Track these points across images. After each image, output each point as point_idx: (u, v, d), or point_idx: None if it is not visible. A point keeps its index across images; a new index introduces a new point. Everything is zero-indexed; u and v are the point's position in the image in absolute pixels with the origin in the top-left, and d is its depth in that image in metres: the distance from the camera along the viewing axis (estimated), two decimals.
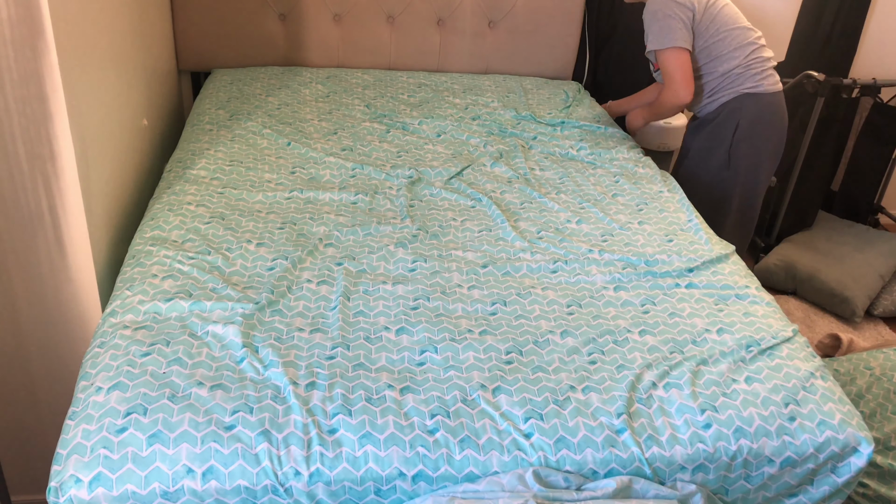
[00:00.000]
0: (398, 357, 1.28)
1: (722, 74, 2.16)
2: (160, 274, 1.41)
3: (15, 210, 1.39)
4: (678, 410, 1.22)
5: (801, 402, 1.27)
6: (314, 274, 1.48)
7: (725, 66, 2.15)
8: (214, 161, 1.89)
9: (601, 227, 1.77)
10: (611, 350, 1.34)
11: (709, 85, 2.20)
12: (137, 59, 1.93)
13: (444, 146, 2.14)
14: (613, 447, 1.16)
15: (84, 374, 1.19)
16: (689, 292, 1.53)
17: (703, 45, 2.15)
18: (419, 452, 1.11)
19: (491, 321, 1.39)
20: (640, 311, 1.45)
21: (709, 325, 1.43)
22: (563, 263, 1.59)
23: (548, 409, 1.19)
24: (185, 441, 1.08)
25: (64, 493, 1.03)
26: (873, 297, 2.74)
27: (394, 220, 1.71)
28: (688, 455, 1.17)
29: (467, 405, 1.19)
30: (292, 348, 1.27)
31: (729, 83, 2.16)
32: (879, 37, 3.06)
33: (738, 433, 1.20)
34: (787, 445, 1.21)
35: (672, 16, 2.09)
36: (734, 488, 1.22)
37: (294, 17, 2.57)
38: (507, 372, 1.26)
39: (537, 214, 1.80)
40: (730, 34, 2.13)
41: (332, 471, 1.08)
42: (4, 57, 1.26)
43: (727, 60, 2.14)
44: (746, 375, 1.30)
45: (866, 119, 3.02)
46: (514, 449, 1.14)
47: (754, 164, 2.22)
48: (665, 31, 2.10)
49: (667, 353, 1.34)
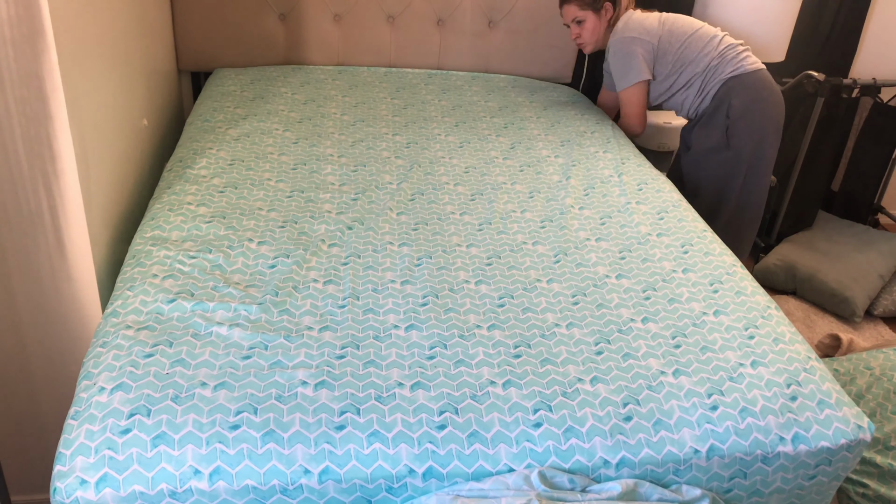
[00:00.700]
0: (408, 353, 1.28)
1: (703, 72, 2.26)
2: (161, 274, 1.40)
3: (15, 210, 1.39)
4: (687, 395, 1.24)
5: (803, 382, 1.30)
6: (320, 273, 1.48)
7: (702, 63, 2.25)
8: (216, 160, 1.89)
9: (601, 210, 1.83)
10: (616, 339, 1.36)
11: (695, 86, 2.28)
12: (137, 59, 1.92)
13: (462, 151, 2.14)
14: (622, 434, 1.17)
15: (86, 373, 1.19)
16: (687, 277, 1.58)
17: (673, 59, 2.28)
18: (428, 449, 1.11)
19: (499, 313, 1.41)
20: (642, 298, 1.49)
21: (705, 308, 1.47)
22: (564, 254, 1.62)
23: (556, 402, 1.20)
24: (190, 442, 1.07)
25: (70, 494, 1.02)
26: (873, 297, 2.74)
27: (396, 214, 1.72)
28: (696, 436, 1.18)
29: (476, 400, 1.19)
30: (302, 346, 1.27)
31: (712, 76, 2.26)
32: (879, 37, 3.06)
33: (745, 413, 1.22)
34: (793, 422, 1.23)
35: (631, 53, 2.28)
36: (752, 471, 1.22)
37: (294, 17, 2.56)
38: (517, 366, 1.27)
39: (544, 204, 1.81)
40: (692, 38, 2.26)
41: (342, 468, 1.08)
42: (4, 57, 1.25)
43: (702, 59, 2.25)
44: (753, 360, 1.34)
45: (866, 119, 3.03)
46: (524, 440, 1.14)
47: (756, 140, 2.25)
48: (626, 70, 2.30)
49: (669, 338, 1.37)
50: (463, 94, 2.54)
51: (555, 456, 1.14)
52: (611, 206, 1.86)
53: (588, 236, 1.71)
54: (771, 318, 1.45)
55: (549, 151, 2.16)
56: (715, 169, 2.30)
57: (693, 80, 2.27)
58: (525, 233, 1.71)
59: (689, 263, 1.62)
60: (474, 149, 2.15)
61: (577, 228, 1.74)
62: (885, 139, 3.00)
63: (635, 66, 2.28)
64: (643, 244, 1.69)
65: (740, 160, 2.26)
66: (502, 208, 1.81)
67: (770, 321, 1.44)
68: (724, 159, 2.27)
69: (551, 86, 2.74)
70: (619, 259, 1.63)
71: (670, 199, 1.90)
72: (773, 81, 2.27)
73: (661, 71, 2.30)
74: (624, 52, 2.29)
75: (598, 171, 2.06)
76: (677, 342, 1.37)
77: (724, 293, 1.52)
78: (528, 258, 1.60)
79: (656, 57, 2.28)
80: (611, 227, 1.75)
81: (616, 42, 2.31)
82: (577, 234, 1.71)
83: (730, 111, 2.23)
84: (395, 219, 1.72)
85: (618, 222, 1.78)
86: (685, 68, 2.27)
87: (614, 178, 2.02)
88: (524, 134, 2.27)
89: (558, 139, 2.25)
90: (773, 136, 2.27)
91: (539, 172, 2.02)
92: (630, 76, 2.30)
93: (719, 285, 1.55)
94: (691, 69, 2.26)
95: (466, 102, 2.48)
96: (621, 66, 2.31)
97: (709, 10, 2.62)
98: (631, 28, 2.28)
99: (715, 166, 2.29)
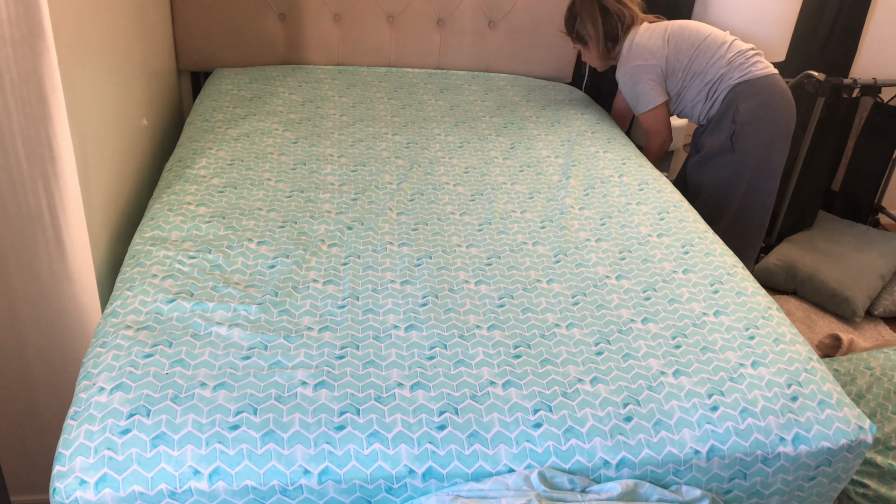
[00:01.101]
0: (408, 353, 1.28)
1: (713, 80, 2.26)
2: (160, 274, 1.40)
3: (15, 210, 1.39)
4: (687, 395, 1.24)
5: (804, 382, 1.29)
6: (320, 274, 1.48)
7: (713, 72, 2.25)
8: (215, 160, 1.88)
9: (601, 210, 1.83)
10: (616, 339, 1.36)
11: (704, 93, 2.28)
12: (137, 59, 1.92)
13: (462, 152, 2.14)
14: (622, 435, 1.17)
15: (86, 373, 1.19)
16: (687, 277, 1.58)
17: (683, 74, 2.28)
18: (427, 449, 1.11)
19: (499, 314, 1.41)
20: (642, 298, 1.49)
21: (706, 308, 1.47)
22: (564, 255, 1.62)
23: (556, 402, 1.20)
24: (190, 442, 1.07)
25: (69, 494, 1.02)
26: (873, 297, 2.74)
27: (396, 214, 1.72)
28: (696, 437, 1.18)
29: (476, 401, 1.19)
30: (302, 347, 1.27)
31: (721, 83, 2.25)
32: (879, 37, 3.06)
33: (745, 413, 1.22)
34: (794, 423, 1.23)
35: (642, 80, 2.29)
36: (752, 471, 1.22)
37: (294, 17, 2.56)
38: (517, 366, 1.27)
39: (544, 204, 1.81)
40: (700, 49, 2.26)
41: (342, 469, 1.08)
42: (4, 57, 1.25)
43: (711, 67, 2.25)
44: (753, 360, 1.34)
45: (867, 119, 3.03)
46: (524, 441, 1.14)
47: (763, 145, 2.24)
48: (641, 97, 2.32)
49: (669, 338, 1.37)
50: (462, 94, 2.54)
51: (555, 456, 1.14)
52: (611, 206, 1.86)
53: (588, 236, 1.71)
54: (772, 319, 1.45)
55: (549, 151, 2.16)
56: (718, 171, 2.30)
57: (703, 89, 2.28)
58: (525, 233, 1.71)
59: (690, 264, 1.62)
60: (474, 149, 2.15)
61: (578, 229, 1.74)
62: (885, 139, 3.00)
63: (646, 93, 2.29)
64: (643, 245, 1.69)
65: (745, 164, 2.25)
66: (502, 208, 1.81)
67: (771, 321, 1.44)
68: (728, 162, 2.27)
69: (551, 84, 2.73)
70: (620, 259, 1.63)
71: (671, 200, 1.90)
72: (783, 86, 2.26)
73: (672, 87, 2.31)
74: (633, 82, 2.30)
75: (598, 171, 2.06)
76: (678, 342, 1.37)
77: (725, 293, 1.52)
78: (528, 258, 1.60)
79: (666, 75, 2.29)
80: (611, 228, 1.75)
81: (623, 73, 2.33)
82: (577, 235, 1.71)
83: (736, 116, 2.22)
84: (394, 219, 1.72)
85: (618, 222, 1.78)
86: (695, 79, 2.27)
87: (615, 178, 2.02)
88: (524, 134, 2.27)
89: (558, 139, 2.25)
90: (782, 141, 2.26)
91: (539, 172, 2.02)
92: (643, 103, 2.32)
93: (720, 285, 1.55)
94: (701, 79, 2.27)
95: (466, 102, 2.48)
96: (633, 95, 2.33)
97: (709, 10, 2.61)
98: (635, 55, 2.28)
99: (719, 169, 2.29)
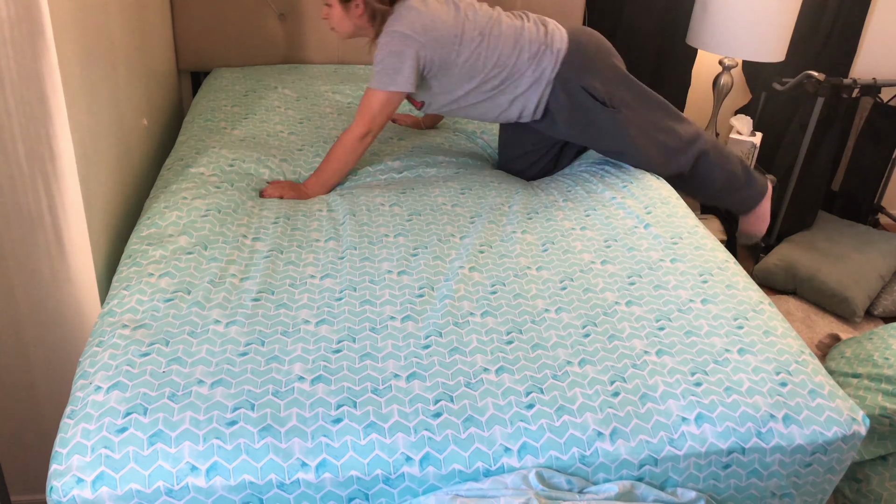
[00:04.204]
0: (404, 344, 1.29)
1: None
2: (156, 272, 1.41)
3: (15, 210, 1.39)
4: (670, 372, 1.27)
5: (794, 372, 1.30)
6: (318, 270, 1.49)
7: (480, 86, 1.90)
8: (215, 158, 1.89)
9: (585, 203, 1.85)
10: (602, 322, 1.39)
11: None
12: (137, 59, 1.93)
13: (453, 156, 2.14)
14: (611, 409, 1.19)
15: (82, 372, 1.19)
16: (675, 266, 1.59)
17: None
18: (424, 436, 1.12)
19: (492, 300, 1.42)
20: (627, 283, 1.52)
21: (692, 295, 1.48)
22: (552, 243, 1.64)
23: (547, 384, 1.23)
24: (187, 439, 1.08)
25: (66, 493, 1.02)
26: (873, 297, 2.74)
27: (389, 207, 1.73)
28: (682, 406, 1.21)
29: (471, 388, 1.20)
30: (299, 342, 1.27)
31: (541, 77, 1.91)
32: (879, 37, 3.06)
33: (729, 391, 1.24)
34: (783, 404, 1.23)
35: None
36: (749, 446, 1.22)
37: (294, 17, 2.57)
38: (509, 352, 1.29)
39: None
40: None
41: (339, 460, 1.09)
42: (4, 57, 1.25)
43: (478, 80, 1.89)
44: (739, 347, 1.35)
45: (866, 119, 3.02)
46: (518, 421, 1.16)
47: (614, 91, 1.95)
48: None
49: (653, 321, 1.40)
50: None
51: (549, 433, 1.15)
52: (596, 200, 1.86)
53: (573, 226, 1.73)
54: (763, 312, 1.46)
55: None
56: (612, 133, 1.97)
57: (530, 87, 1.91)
58: (514, 223, 1.72)
59: (679, 254, 1.62)
60: (466, 146, 2.15)
61: (562, 219, 1.76)
62: (885, 139, 2.99)
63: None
64: (629, 235, 1.70)
65: (621, 115, 1.94)
66: (491, 202, 1.81)
67: (762, 315, 1.45)
68: (610, 117, 1.94)
69: None
70: (605, 247, 1.64)
71: (658, 196, 1.89)
72: (583, 31, 1.95)
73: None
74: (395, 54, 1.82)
75: (584, 165, 2.06)
76: (664, 329, 1.38)
77: (714, 284, 1.53)
78: (518, 245, 1.62)
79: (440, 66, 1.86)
80: (595, 219, 1.76)
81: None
82: (562, 224, 1.74)
83: (592, 91, 1.91)
84: (388, 210, 1.73)
85: (602, 215, 1.79)
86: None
87: (600, 172, 2.02)
88: None
89: None
90: (619, 59, 1.97)
91: None
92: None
93: (709, 276, 1.55)
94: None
95: None
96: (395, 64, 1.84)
97: (709, 10, 2.62)
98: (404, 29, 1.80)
99: (610, 132, 1.96)
